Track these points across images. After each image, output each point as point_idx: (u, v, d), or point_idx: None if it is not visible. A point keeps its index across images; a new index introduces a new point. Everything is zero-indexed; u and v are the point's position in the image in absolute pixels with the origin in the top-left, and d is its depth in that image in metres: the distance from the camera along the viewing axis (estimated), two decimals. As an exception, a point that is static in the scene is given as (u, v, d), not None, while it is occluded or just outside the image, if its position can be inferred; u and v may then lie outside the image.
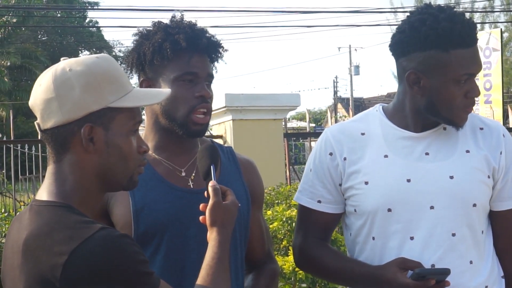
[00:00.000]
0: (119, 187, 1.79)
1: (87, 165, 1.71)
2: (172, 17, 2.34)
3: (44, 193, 1.72)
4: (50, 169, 1.73)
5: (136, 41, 2.32)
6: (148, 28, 2.33)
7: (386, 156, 2.30)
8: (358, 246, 2.37)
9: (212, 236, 1.89)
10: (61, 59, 1.76)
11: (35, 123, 1.75)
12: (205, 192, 1.94)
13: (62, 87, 1.68)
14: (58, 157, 1.72)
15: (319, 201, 2.38)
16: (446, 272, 2.13)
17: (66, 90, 1.68)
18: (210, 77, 2.29)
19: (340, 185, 2.35)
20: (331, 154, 2.36)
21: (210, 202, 1.90)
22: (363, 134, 2.35)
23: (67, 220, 1.63)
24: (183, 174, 2.28)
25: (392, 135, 2.31)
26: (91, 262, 1.56)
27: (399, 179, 2.26)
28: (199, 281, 1.81)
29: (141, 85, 2.29)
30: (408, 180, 2.26)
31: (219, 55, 2.35)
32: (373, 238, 2.31)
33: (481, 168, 2.27)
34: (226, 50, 2.37)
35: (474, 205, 2.26)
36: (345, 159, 2.33)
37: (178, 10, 2.40)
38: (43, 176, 1.93)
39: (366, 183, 2.29)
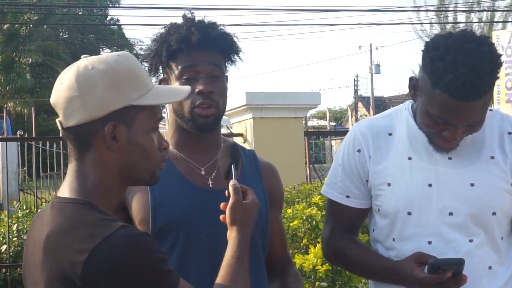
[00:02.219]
0: (142, 183, 1.81)
1: (110, 162, 1.72)
2: (183, 16, 2.36)
3: (66, 190, 1.73)
4: (71, 166, 1.74)
5: (151, 43, 2.36)
6: (160, 31, 2.36)
7: (410, 158, 2.29)
8: (379, 245, 2.39)
9: (232, 235, 1.89)
10: (82, 56, 1.76)
11: (56, 121, 1.74)
12: (226, 191, 1.93)
13: (85, 85, 1.68)
14: (80, 154, 1.72)
15: (347, 196, 2.40)
16: (461, 262, 2.13)
17: (89, 88, 1.68)
18: (215, 71, 2.27)
19: (367, 181, 2.36)
20: (359, 151, 2.36)
21: (231, 201, 1.90)
22: (390, 134, 2.34)
23: (88, 217, 1.64)
24: (203, 172, 2.29)
25: (418, 137, 2.28)
26: (112, 260, 1.56)
27: (420, 183, 2.26)
28: (219, 279, 1.81)
29: (159, 83, 2.32)
30: (430, 185, 2.25)
31: (228, 48, 2.33)
32: (393, 239, 2.31)
33: (505, 176, 2.25)
34: (237, 44, 2.35)
35: (494, 213, 2.25)
36: (370, 157, 2.33)
37: (198, 9, 2.41)
38: (64, 173, 1.94)
39: (389, 184, 2.30)
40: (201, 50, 2.26)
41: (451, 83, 2.02)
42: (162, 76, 2.35)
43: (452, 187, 2.24)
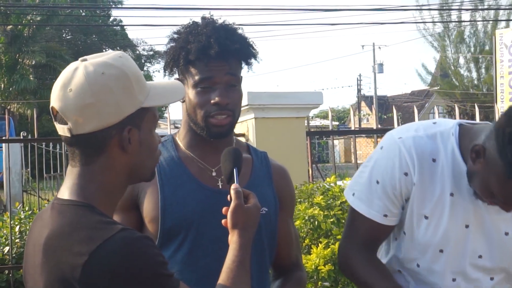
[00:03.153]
0: (143, 180, 1.82)
1: (120, 165, 1.72)
2: (202, 18, 2.34)
3: (66, 191, 1.72)
4: (75, 170, 1.72)
5: (168, 42, 2.35)
6: (179, 29, 2.34)
7: (452, 194, 2.20)
8: (399, 262, 2.36)
9: (233, 238, 1.89)
10: (80, 59, 1.74)
11: (63, 128, 1.69)
12: (228, 196, 1.94)
13: (101, 93, 1.66)
14: (88, 160, 1.71)
15: (385, 215, 2.27)
16: None
17: (105, 95, 1.66)
18: (232, 80, 2.27)
19: (406, 200, 2.25)
20: (406, 174, 2.21)
21: (232, 204, 1.91)
22: (434, 160, 2.21)
23: (88, 220, 1.64)
24: (214, 174, 2.29)
25: (462, 172, 2.18)
26: (111, 263, 1.56)
27: (459, 223, 2.21)
28: (219, 283, 1.82)
29: None
30: (467, 226, 2.22)
31: (245, 54, 2.32)
32: (418, 265, 2.30)
33: None
34: (254, 48, 2.34)
35: None
36: (414, 184, 2.21)
37: (202, 9, 2.43)
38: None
39: (426, 217, 2.23)
40: (219, 60, 2.24)
41: None
42: (178, 76, 2.34)
43: (487, 232, 2.23)
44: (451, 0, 29.25)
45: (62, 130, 1.69)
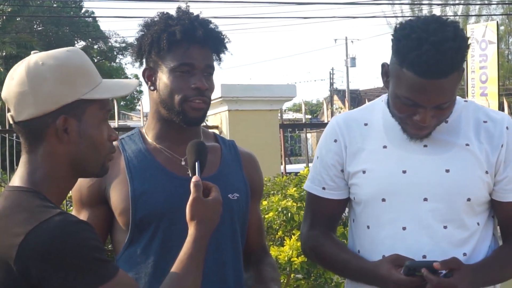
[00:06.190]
0: (92, 174, 1.86)
1: (60, 155, 1.77)
2: (178, 8, 2.36)
3: (16, 179, 1.78)
4: (23, 158, 1.79)
5: (140, 31, 2.35)
6: (153, 18, 2.35)
7: (385, 147, 2.32)
8: (356, 234, 2.41)
9: (190, 231, 1.93)
10: (32, 52, 1.81)
11: (8, 115, 1.79)
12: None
13: (36, 81, 1.73)
14: (31, 147, 1.77)
15: (323, 188, 2.42)
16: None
17: (39, 84, 1.73)
18: (209, 68, 2.30)
19: (343, 171, 2.38)
20: (335, 141, 2.40)
21: (190, 197, 1.94)
22: (366, 124, 2.37)
23: (29, 204, 1.68)
24: (183, 163, 2.30)
25: (393, 126, 2.31)
26: (45, 244, 1.59)
27: (395, 170, 2.28)
28: (169, 274, 1.85)
29: (143, 74, 2.34)
30: (404, 172, 2.27)
31: (221, 47, 2.36)
32: (368, 227, 2.33)
33: (479, 163, 2.27)
34: (228, 42, 2.38)
35: (469, 199, 2.27)
36: (346, 147, 2.36)
37: (174, 1, 2.43)
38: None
39: (364, 172, 2.32)
40: (200, 45, 2.27)
41: (415, 60, 2.06)
42: (148, 65, 2.33)
43: (427, 174, 2.26)
44: None
45: (9, 118, 1.78)
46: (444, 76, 2.08)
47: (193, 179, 1.97)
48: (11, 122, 1.79)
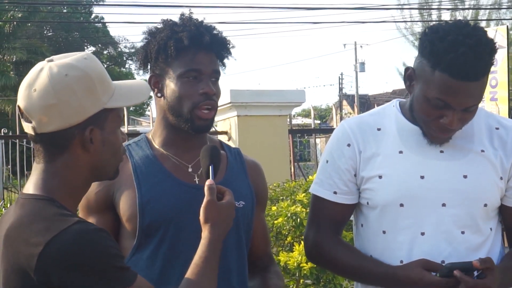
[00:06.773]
0: (106, 178, 1.88)
1: (83, 163, 1.77)
2: (181, 15, 2.37)
3: (30, 186, 1.77)
4: (39, 167, 1.77)
5: (145, 38, 2.36)
6: (157, 26, 2.36)
7: (401, 152, 2.31)
8: (367, 239, 2.39)
9: (204, 234, 1.94)
10: (46, 60, 1.80)
11: (28, 126, 1.76)
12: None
13: (64, 94, 1.72)
14: (51, 157, 1.76)
15: (335, 192, 2.38)
16: (472, 267, 2.14)
17: (67, 96, 1.72)
18: (216, 73, 2.31)
19: (355, 175, 2.36)
20: (349, 145, 2.36)
21: (204, 200, 1.96)
22: (379, 129, 2.36)
23: (46, 212, 1.68)
24: (190, 170, 2.31)
25: (407, 132, 2.31)
26: (65, 253, 1.60)
27: (412, 175, 2.28)
28: (185, 278, 1.86)
29: (149, 81, 2.33)
30: (422, 177, 2.27)
31: (226, 52, 2.37)
32: (384, 232, 2.32)
33: (495, 169, 2.29)
34: (233, 47, 2.39)
35: (485, 205, 2.28)
36: (360, 152, 2.34)
37: (183, 6, 2.44)
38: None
39: (380, 177, 2.30)
40: (206, 51, 2.28)
41: (452, 62, 2.07)
42: (154, 72, 2.33)
43: (445, 179, 2.26)
44: (432, -1, 29.41)
45: (27, 128, 1.76)
46: (478, 79, 2.10)
47: (207, 182, 1.99)
48: (31, 133, 1.76)
